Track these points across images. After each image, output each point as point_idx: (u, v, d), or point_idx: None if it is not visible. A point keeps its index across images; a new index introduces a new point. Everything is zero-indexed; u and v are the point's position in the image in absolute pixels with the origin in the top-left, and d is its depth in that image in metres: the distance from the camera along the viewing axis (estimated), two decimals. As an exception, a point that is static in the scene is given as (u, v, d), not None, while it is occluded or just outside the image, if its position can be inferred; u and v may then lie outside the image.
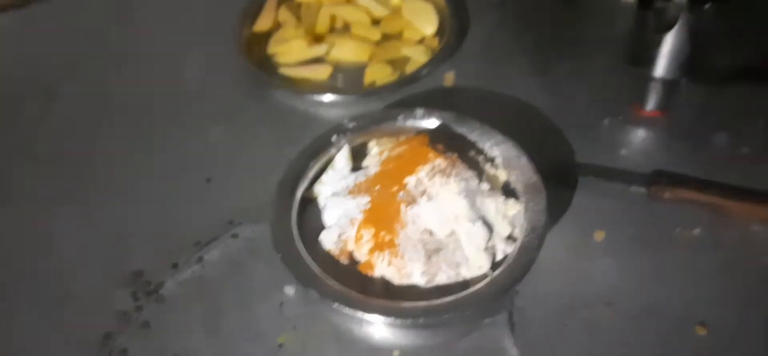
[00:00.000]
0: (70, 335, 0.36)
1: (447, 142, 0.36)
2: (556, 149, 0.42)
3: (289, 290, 0.36)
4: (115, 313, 0.36)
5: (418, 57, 0.48)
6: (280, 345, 0.35)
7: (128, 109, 0.46)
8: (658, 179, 0.38)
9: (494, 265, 0.34)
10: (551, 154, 0.40)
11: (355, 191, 0.35)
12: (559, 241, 0.37)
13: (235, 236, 0.39)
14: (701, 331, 0.34)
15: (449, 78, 0.47)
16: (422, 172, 0.33)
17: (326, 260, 0.34)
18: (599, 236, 0.38)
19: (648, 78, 0.42)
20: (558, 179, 0.38)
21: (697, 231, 0.38)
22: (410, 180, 0.33)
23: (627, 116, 0.43)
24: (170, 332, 0.36)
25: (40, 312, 0.36)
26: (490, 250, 0.34)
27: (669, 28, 0.37)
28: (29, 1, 0.53)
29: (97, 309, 0.36)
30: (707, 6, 0.36)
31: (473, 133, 0.37)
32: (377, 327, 0.33)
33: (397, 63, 0.48)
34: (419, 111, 0.38)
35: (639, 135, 0.43)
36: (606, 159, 0.41)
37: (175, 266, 0.38)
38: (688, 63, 0.39)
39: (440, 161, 0.34)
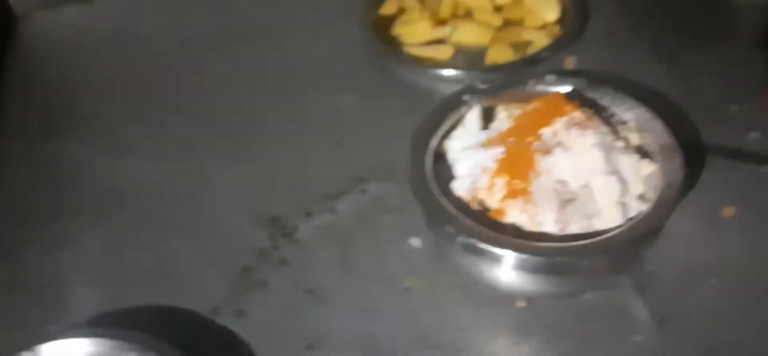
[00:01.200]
0: (216, 265, 0.39)
1: (580, 105, 0.37)
2: (683, 131, 0.42)
3: (416, 240, 0.38)
4: (255, 250, 0.39)
5: (539, 41, 0.49)
6: (408, 289, 0.36)
7: (268, 77, 0.50)
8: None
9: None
10: (678, 134, 0.40)
11: (487, 144, 0.36)
12: (688, 213, 0.37)
13: (363, 191, 0.41)
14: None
15: (570, 62, 0.48)
16: (559, 124, 0.34)
17: (458, 205, 0.35)
18: (728, 212, 0.38)
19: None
20: (686, 158, 0.38)
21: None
22: (546, 131, 0.34)
23: (757, 101, 0.43)
24: (305, 269, 0.38)
25: (192, 243, 0.40)
26: (624, 206, 0.34)
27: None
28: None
29: (238, 245, 0.39)
30: None
31: (606, 98, 0.38)
32: (504, 272, 0.34)
33: (519, 46, 0.50)
34: (551, 77, 0.39)
35: (768, 123, 0.43)
36: (735, 142, 0.41)
37: (308, 213, 0.41)
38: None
39: (578, 114, 0.35)
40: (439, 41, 0.51)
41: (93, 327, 0.34)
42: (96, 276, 0.38)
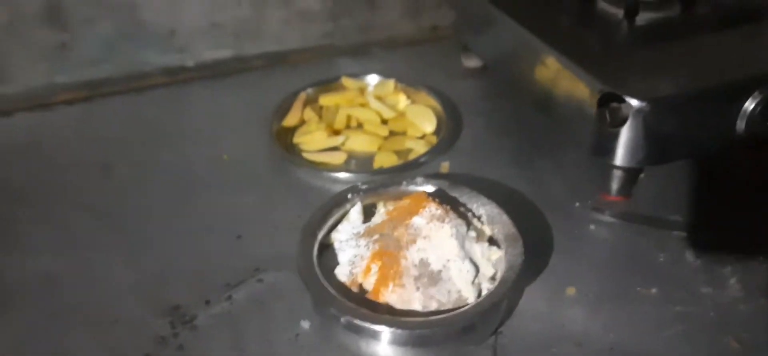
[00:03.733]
0: (117, 353, 0.41)
1: (441, 202, 0.44)
2: (534, 223, 0.50)
3: (305, 323, 0.43)
4: (155, 338, 0.42)
5: (419, 149, 0.57)
6: (296, 371, 0.41)
7: (174, 178, 0.55)
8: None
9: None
10: (531, 228, 0.47)
11: (364, 234, 0.42)
12: (537, 294, 0.45)
13: (260, 280, 0.46)
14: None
15: (445, 167, 0.56)
16: (421, 218, 0.41)
17: (340, 289, 0.40)
18: (570, 291, 0.45)
19: (610, 167, 0.50)
20: (533, 245, 0.45)
21: (653, 290, 0.45)
22: (411, 224, 0.41)
23: (594, 200, 0.52)
24: (201, 355, 0.41)
25: (92, 333, 0.42)
26: (477, 286, 0.41)
27: (622, 123, 0.46)
28: (92, 97, 0.64)
29: (139, 333, 0.42)
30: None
31: (463, 196, 0.45)
32: (382, 347, 0.39)
33: (401, 153, 0.57)
34: (420, 178, 0.46)
35: (604, 217, 0.51)
36: (577, 232, 0.50)
37: (207, 302, 0.44)
38: (644, 152, 0.47)
39: (436, 209, 0.41)
40: (333, 148, 0.57)
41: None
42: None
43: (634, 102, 0.45)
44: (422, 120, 0.60)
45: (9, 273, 0.46)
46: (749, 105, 0.47)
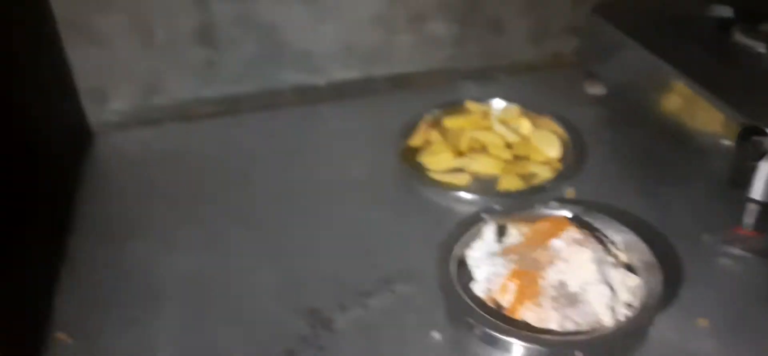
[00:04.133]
0: (263, 349, 0.44)
1: (578, 226, 0.45)
2: (663, 252, 0.49)
3: (437, 334, 0.44)
4: (298, 336, 0.45)
5: (543, 174, 0.58)
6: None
7: (307, 191, 0.58)
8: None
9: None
10: (660, 257, 0.47)
11: (502, 253, 0.44)
12: (669, 322, 0.44)
13: (391, 291, 0.48)
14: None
15: (570, 193, 0.56)
16: (561, 241, 0.42)
17: (477, 302, 0.42)
18: (703, 322, 0.44)
19: (745, 200, 0.49)
20: (666, 274, 0.45)
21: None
22: (550, 245, 0.42)
23: (726, 233, 0.51)
24: (341, 356, 0.44)
25: (238, 329, 0.46)
26: (613, 310, 0.41)
27: (762, 156, 0.45)
28: (233, 111, 0.69)
29: (282, 332, 0.45)
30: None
31: (599, 222, 0.46)
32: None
33: (525, 177, 0.58)
34: (554, 203, 0.47)
35: (736, 250, 0.50)
36: (706, 265, 0.49)
37: (343, 307, 0.47)
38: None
39: (576, 233, 0.42)
40: (458, 170, 0.59)
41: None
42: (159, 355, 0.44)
43: (777, 137, 0.44)
44: (547, 145, 0.60)
45: (160, 269, 0.51)
46: None
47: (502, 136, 0.62)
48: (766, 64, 0.53)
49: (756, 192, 0.47)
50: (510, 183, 0.57)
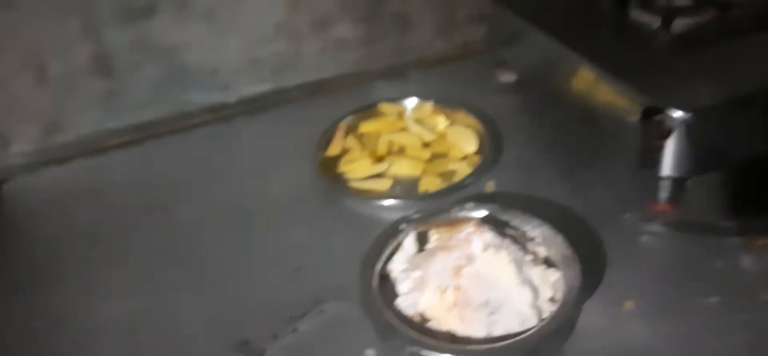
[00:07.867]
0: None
1: (494, 227, 0.45)
2: (587, 237, 0.50)
3: (370, 352, 0.44)
4: (228, 373, 0.44)
5: (462, 170, 0.58)
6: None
7: (229, 214, 0.57)
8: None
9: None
10: (580, 242, 0.48)
11: (421, 264, 0.43)
12: (596, 310, 0.45)
13: (322, 311, 0.47)
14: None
15: (490, 186, 0.56)
16: (476, 246, 0.42)
17: (402, 318, 0.42)
18: (629, 305, 0.45)
19: (657, 178, 0.51)
20: (588, 263, 0.46)
21: (713, 299, 0.45)
22: (466, 252, 0.42)
23: (644, 211, 0.52)
24: (273, 389, 0.43)
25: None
26: (537, 309, 0.42)
27: (667, 135, 0.47)
28: (142, 139, 0.66)
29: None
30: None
31: (515, 219, 0.46)
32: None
33: (446, 175, 0.58)
34: (470, 204, 0.47)
35: (656, 227, 0.52)
36: (629, 245, 0.50)
37: (275, 336, 0.46)
38: (689, 161, 0.48)
39: (491, 237, 0.43)
40: (378, 175, 0.59)
41: None
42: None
43: (677, 114, 0.46)
44: (463, 141, 0.61)
45: (87, 316, 0.49)
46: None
47: (419, 136, 0.62)
48: (662, 39, 0.55)
49: (666, 169, 0.48)
50: (430, 184, 0.57)
